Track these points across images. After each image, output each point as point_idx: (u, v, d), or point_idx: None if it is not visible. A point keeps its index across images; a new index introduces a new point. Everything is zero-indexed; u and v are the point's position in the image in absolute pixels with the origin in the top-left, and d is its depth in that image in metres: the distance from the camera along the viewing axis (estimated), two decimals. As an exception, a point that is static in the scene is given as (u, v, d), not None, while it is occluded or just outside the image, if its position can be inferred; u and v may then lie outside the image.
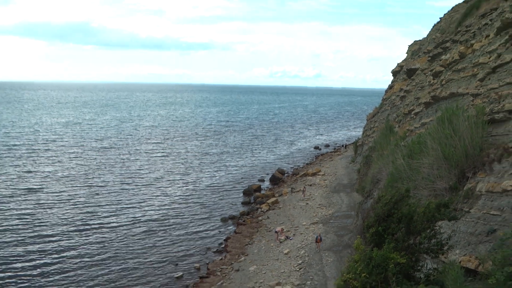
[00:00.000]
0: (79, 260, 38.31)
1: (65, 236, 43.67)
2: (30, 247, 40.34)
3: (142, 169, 75.09)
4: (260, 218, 49.99)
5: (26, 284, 33.97)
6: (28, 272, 35.72)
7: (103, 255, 39.57)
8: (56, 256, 38.99)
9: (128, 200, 56.56)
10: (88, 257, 39.01)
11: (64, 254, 39.41)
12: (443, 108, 26.51)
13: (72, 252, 39.96)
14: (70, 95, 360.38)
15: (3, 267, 36.55)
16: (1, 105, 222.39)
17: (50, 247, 40.94)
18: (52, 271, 36.11)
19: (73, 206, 52.85)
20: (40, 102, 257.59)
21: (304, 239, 39.68)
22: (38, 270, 36.34)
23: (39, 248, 40.53)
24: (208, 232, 46.85)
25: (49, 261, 37.99)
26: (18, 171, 69.33)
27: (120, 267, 37.72)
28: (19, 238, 42.36)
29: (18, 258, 38.40)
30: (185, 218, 50.90)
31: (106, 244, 42.29)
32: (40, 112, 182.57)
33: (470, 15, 38.18)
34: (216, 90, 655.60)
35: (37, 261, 37.84)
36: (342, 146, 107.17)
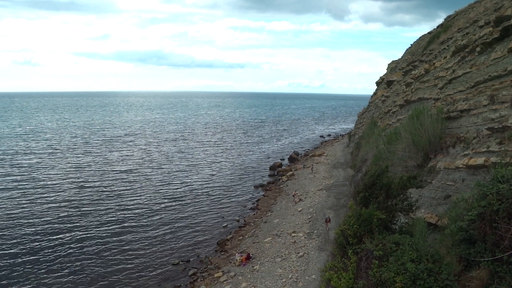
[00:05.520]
0: (163, 208, 39.66)
1: (149, 194, 45.10)
2: (131, 202, 41.82)
3: (199, 153, 75.69)
4: (281, 186, 50.08)
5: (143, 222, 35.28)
6: (140, 223, 36.73)
7: (178, 206, 41.00)
8: (148, 203, 40.43)
9: (190, 174, 57.30)
10: (167, 206, 40.38)
11: (151, 206, 40.69)
12: (413, 108, 26.07)
13: (159, 205, 41.25)
14: (148, 100, 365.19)
15: (119, 222, 37.79)
16: (104, 107, 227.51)
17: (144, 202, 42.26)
18: (146, 217, 37.43)
19: (154, 178, 54.15)
20: (127, 106, 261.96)
21: (312, 201, 39.58)
22: (137, 221, 37.55)
23: (136, 201, 41.99)
24: (245, 195, 47.24)
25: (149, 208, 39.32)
26: (115, 156, 71.49)
27: (188, 215, 39.16)
28: (129, 198, 44.14)
29: (120, 211, 39.71)
30: (229, 185, 51.39)
31: (179, 201, 43.71)
32: (127, 113, 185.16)
33: (433, 42, 37.29)
34: (249, 96, 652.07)
35: (136, 213, 39.13)
36: (340, 135, 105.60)
